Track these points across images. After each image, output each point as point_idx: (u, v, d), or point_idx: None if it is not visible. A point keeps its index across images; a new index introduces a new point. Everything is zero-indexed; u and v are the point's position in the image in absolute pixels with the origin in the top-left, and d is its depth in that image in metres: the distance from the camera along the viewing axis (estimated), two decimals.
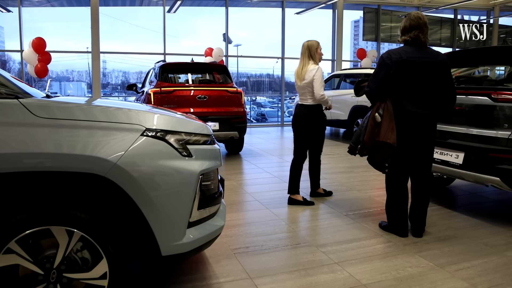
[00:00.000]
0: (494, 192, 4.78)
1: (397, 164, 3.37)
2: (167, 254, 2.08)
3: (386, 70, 3.21)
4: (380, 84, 3.26)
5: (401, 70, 3.17)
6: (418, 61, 3.17)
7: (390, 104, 3.24)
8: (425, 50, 3.24)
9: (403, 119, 3.23)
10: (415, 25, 3.21)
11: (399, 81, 3.20)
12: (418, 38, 3.21)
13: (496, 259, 2.95)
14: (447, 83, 3.25)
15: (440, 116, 3.34)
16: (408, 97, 3.21)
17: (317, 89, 4.07)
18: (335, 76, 10.43)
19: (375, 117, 3.26)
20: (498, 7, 15.91)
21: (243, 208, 4.17)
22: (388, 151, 3.26)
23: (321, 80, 4.10)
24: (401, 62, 3.16)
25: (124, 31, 17.28)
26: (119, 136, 1.96)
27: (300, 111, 4.25)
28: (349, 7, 14.45)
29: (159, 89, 6.47)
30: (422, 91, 3.20)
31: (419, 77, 3.18)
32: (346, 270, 2.74)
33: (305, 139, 4.29)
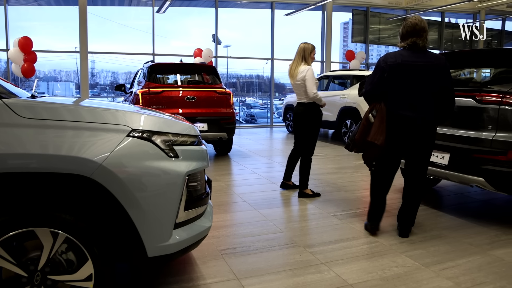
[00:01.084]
0: (479, 193, 4.85)
1: (383, 165, 3.42)
2: (153, 255, 2.07)
3: (381, 72, 3.27)
4: (374, 86, 3.31)
5: (395, 74, 3.21)
6: (413, 65, 3.19)
7: (384, 106, 3.28)
8: (423, 54, 3.24)
9: (394, 122, 3.26)
10: (411, 31, 3.23)
11: (393, 84, 3.24)
12: (416, 44, 3.23)
13: (480, 258, 2.99)
14: (445, 85, 3.23)
15: (440, 120, 3.32)
16: (402, 100, 3.24)
17: (309, 88, 4.33)
18: (324, 78, 10.48)
19: (369, 118, 3.33)
20: (484, 10, 16.15)
21: (231, 209, 4.17)
22: (376, 151, 3.32)
23: (313, 80, 4.33)
24: (396, 66, 3.20)
25: (113, 31, 17.17)
26: (105, 137, 1.95)
27: (299, 108, 4.56)
28: (338, 9, 14.54)
29: (148, 89, 6.44)
30: (417, 95, 3.22)
31: (413, 81, 3.20)
32: (333, 270, 2.76)
33: (306, 134, 4.56)
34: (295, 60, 4.52)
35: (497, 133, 3.46)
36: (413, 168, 3.39)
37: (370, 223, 3.50)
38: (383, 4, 14.62)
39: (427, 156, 3.36)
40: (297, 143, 4.73)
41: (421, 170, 3.39)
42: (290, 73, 4.53)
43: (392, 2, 14.68)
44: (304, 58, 4.47)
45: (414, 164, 3.38)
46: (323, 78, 10.51)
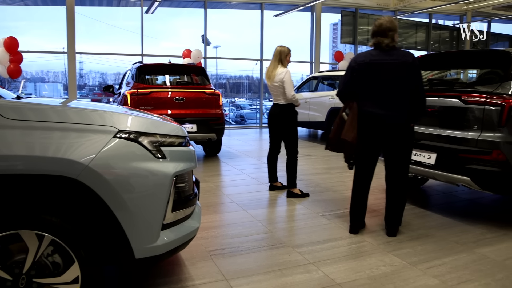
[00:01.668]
0: (465, 192, 4.91)
1: (359, 163, 3.48)
2: (141, 256, 2.07)
3: (351, 72, 3.37)
4: (346, 85, 3.42)
5: (364, 73, 3.30)
6: (382, 64, 3.25)
7: (356, 105, 3.36)
8: (392, 52, 3.28)
9: (364, 120, 3.33)
10: (376, 31, 3.31)
11: (363, 83, 3.33)
12: (381, 43, 3.28)
13: (466, 256, 3.03)
14: (414, 84, 3.25)
15: (413, 118, 3.35)
16: (372, 99, 3.31)
17: (288, 90, 4.45)
18: (313, 78, 10.52)
19: (342, 116, 3.43)
20: (471, 12, 16.36)
21: (219, 210, 4.17)
22: (348, 148, 3.41)
23: (291, 82, 4.48)
24: (364, 65, 3.29)
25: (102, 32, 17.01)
26: (92, 138, 1.95)
27: (275, 110, 4.66)
28: (327, 10, 14.61)
29: (136, 90, 6.40)
30: (386, 93, 3.27)
31: (381, 79, 3.26)
32: (321, 270, 2.77)
33: (279, 134, 4.70)
34: (272, 62, 4.65)
35: (482, 133, 3.51)
36: (392, 167, 3.43)
37: (350, 223, 3.53)
38: (372, 5, 14.73)
39: (405, 155, 3.39)
40: (272, 144, 4.82)
41: (400, 169, 3.41)
42: (267, 75, 4.66)
43: (380, 4, 14.79)
44: (280, 60, 4.59)
45: (393, 164, 3.42)
46: (312, 79, 10.55)
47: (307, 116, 9.68)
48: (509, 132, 3.42)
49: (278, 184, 4.91)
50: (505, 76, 3.65)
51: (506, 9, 16.35)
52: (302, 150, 8.00)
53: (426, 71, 4.67)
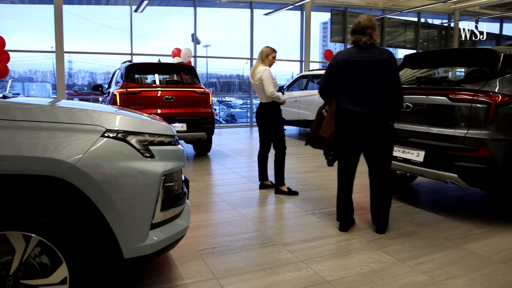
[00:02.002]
0: (454, 189, 4.96)
1: (340, 161, 3.53)
2: (129, 256, 2.05)
3: (331, 70, 3.43)
4: (326, 83, 3.49)
5: (342, 70, 3.34)
6: (358, 61, 3.28)
7: (334, 103, 3.43)
8: (370, 50, 3.30)
9: (341, 117, 3.40)
10: (355, 29, 3.37)
11: (341, 80, 3.37)
12: (358, 41, 3.32)
13: (454, 252, 3.07)
14: (389, 82, 3.25)
15: (390, 116, 3.34)
16: (349, 96, 3.35)
17: (266, 87, 4.48)
18: (303, 77, 10.55)
19: (322, 113, 3.51)
20: (458, 11, 16.52)
21: (210, 209, 4.16)
22: (326, 144, 3.47)
23: (269, 79, 4.49)
24: (342, 62, 3.34)
25: (91, 31, 16.89)
26: (79, 138, 1.93)
27: (259, 108, 4.73)
28: (316, 9, 14.65)
29: (125, 89, 6.36)
30: (364, 91, 3.29)
31: (359, 77, 3.29)
32: (311, 268, 2.78)
33: (266, 133, 4.72)
34: (256, 62, 4.74)
35: (469, 130, 3.55)
36: (374, 165, 3.45)
37: (339, 221, 3.56)
38: (361, 4, 14.80)
39: (385, 153, 3.41)
40: (262, 142, 4.85)
41: (381, 167, 3.43)
42: (251, 74, 4.73)
43: (369, 3, 14.87)
44: (262, 59, 4.66)
45: (373, 161, 3.44)
46: (302, 78, 10.58)
47: (297, 114, 9.71)
48: (496, 130, 3.47)
49: (268, 182, 4.92)
50: (491, 74, 3.69)
51: (493, 8, 16.55)
52: (293, 149, 8.04)
53: (415, 69, 4.71)
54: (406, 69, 4.68)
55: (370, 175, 3.50)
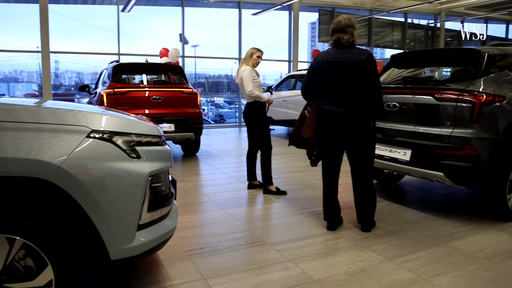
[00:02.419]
0: (440, 187, 5.02)
1: (324, 160, 3.55)
2: (116, 258, 2.04)
3: (312, 71, 3.47)
4: (307, 84, 3.53)
5: (321, 71, 3.37)
6: (338, 62, 3.30)
7: (315, 104, 3.48)
8: (349, 50, 3.32)
9: (321, 118, 3.44)
10: (335, 28, 3.37)
11: (321, 81, 3.41)
12: (341, 39, 3.33)
13: (440, 250, 3.10)
14: (368, 83, 3.26)
15: (370, 116, 3.36)
16: (328, 96, 3.38)
17: (245, 86, 4.53)
18: (291, 77, 10.58)
19: (304, 114, 3.55)
20: (444, 12, 16.72)
21: (198, 209, 4.15)
22: (307, 145, 3.51)
23: (248, 79, 4.52)
24: (322, 63, 3.37)
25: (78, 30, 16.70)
26: (64, 138, 1.91)
27: (245, 108, 4.75)
28: (305, 9, 14.69)
29: (112, 90, 6.31)
30: (343, 91, 3.31)
31: (338, 77, 3.31)
32: (299, 267, 2.79)
33: (257, 133, 4.70)
34: (241, 62, 4.79)
35: (454, 129, 3.59)
36: (355, 165, 3.48)
37: (326, 220, 3.58)
38: (349, 4, 14.89)
39: (366, 153, 3.43)
40: (250, 142, 4.86)
41: (363, 166, 3.45)
42: (237, 76, 4.75)
43: (357, 3, 14.97)
44: (245, 60, 4.71)
45: (355, 161, 3.47)
46: (290, 78, 10.61)
47: (285, 114, 9.73)
48: (480, 128, 3.52)
49: (256, 182, 4.92)
50: (476, 73, 3.75)
51: (478, 9, 16.79)
52: (281, 149, 8.05)
53: (401, 69, 4.76)
54: (393, 69, 4.72)
55: (352, 175, 3.53)
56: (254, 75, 4.57)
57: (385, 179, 5.18)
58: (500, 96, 3.62)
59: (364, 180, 3.47)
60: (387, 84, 4.49)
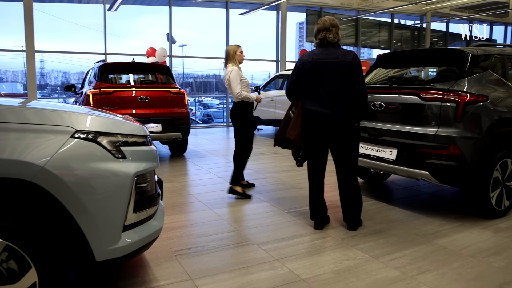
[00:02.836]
0: (426, 186, 5.08)
1: (309, 160, 3.57)
2: (102, 259, 2.02)
3: (297, 71, 3.47)
4: (292, 85, 3.52)
5: (307, 71, 3.38)
6: (323, 62, 3.32)
7: (301, 104, 3.48)
8: (333, 50, 3.35)
9: (306, 118, 3.44)
10: (321, 27, 3.39)
11: (306, 82, 3.41)
12: (326, 38, 3.36)
13: (425, 248, 3.14)
14: (353, 84, 3.29)
15: (355, 117, 3.39)
16: (314, 97, 3.39)
17: (232, 88, 4.46)
18: (279, 77, 10.60)
19: (289, 115, 3.56)
20: (430, 12, 16.93)
21: (185, 209, 4.13)
22: (293, 146, 3.52)
23: (236, 80, 4.43)
24: (307, 64, 3.38)
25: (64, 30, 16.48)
26: (48, 139, 1.90)
27: (231, 108, 4.66)
28: (292, 9, 14.73)
29: (98, 90, 6.25)
30: (328, 92, 3.33)
31: (323, 78, 3.33)
32: (286, 266, 2.80)
33: (240, 133, 4.62)
34: (225, 63, 4.68)
35: (439, 129, 3.63)
36: (340, 165, 3.50)
37: (313, 219, 3.60)
38: (336, 5, 14.97)
39: (351, 153, 3.46)
40: (236, 142, 4.77)
41: (348, 166, 3.48)
42: (225, 78, 4.63)
43: (344, 3, 15.05)
44: (230, 59, 4.60)
45: (340, 161, 3.49)
46: (278, 77, 10.63)
47: (273, 114, 9.75)
48: (465, 128, 3.57)
49: (244, 182, 4.90)
50: (460, 73, 3.80)
51: (463, 10, 17.03)
52: (268, 148, 8.07)
53: (387, 69, 4.80)
54: (379, 69, 4.75)
55: (337, 175, 3.55)
56: (241, 75, 4.54)
57: (371, 178, 5.22)
58: (483, 96, 3.67)
59: (349, 179, 3.50)
60: (374, 84, 4.52)
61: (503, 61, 4.11)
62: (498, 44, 4.67)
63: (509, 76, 4.08)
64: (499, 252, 3.06)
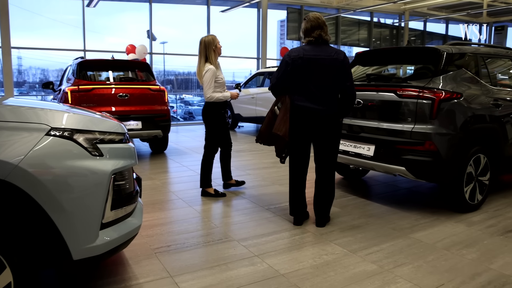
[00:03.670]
0: (404, 181, 5.18)
1: (294, 156, 3.57)
2: (79, 258, 2.01)
3: (285, 66, 3.43)
4: (279, 80, 3.50)
5: (297, 67, 3.38)
6: (315, 59, 3.35)
7: (289, 99, 3.45)
8: (325, 48, 3.41)
9: (297, 114, 3.44)
10: (315, 25, 3.42)
11: (296, 77, 3.41)
12: (321, 36, 3.41)
13: (402, 241, 3.21)
14: (344, 81, 3.38)
15: (342, 113, 3.47)
16: (304, 93, 3.41)
17: (204, 90, 4.26)
18: (260, 74, 10.62)
19: (274, 110, 3.52)
20: (408, 12, 17.20)
21: (165, 207, 4.12)
22: (280, 142, 3.48)
23: (208, 82, 4.21)
24: (298, 60, 3.36)
25: (42, 26, 16.13)
26: (23, 136, 1.87)
27: (203, 107, 4.46)
28: (273, 6, 14.77)
29: (77, 87, 6.15)
30: (318, 88, 3.38)
31: (314, 74, 3.37)
32: (266, 262, 2.83)
33: (212, 132, 4.49)
34: (199, 58, 4.32)
35: (415, 125, 3.71)
36: (322, 159, 3.54)
37: (292, 215, 3.63)
38: (316, 3, 15.07)
39: (334, 147, 3.53)
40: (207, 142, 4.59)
41: (329, 161, 3.54)
42: (197, 73, 4.34)
43: (324, 1, 15.17)
44: (207, 53, 4.27)
45: (322, 156, 3.53)
46: (259, 75, 10.65)
47: (254, 111, 9.77)
48: (440, 124, 3.65)
49: (232, 181, 4.78)
50: (435, 71, 3.89)
51: (440, 10, 17.37)
52: (249, 145, 8.09)
53: (365, 66, 4.86)
54: (358, 66, 4.82)
55: (317, 169, 3.58)
56: (217, 74, 4.29)
57: (350, 174, 5.30)
58: (458, 93, 3.77)
59: (328, 175, 3.54)
60: None
61: (477, 60, 4.22)
62: (473, 43, 4.78)
63: (482, 74, 4.19)
64: (472, 245, 3.16)
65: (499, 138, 4.14)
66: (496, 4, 15.31)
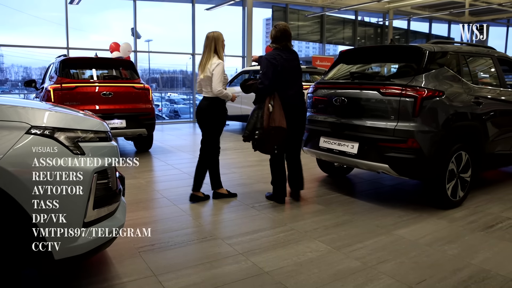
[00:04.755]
0: (388, 179, 5.23)
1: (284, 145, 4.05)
2: (60, 257, 1.99)
3: (273, 68, 3.88)
4: (271, 81, 3.90)
5: (283, 69, 3.92)
6: (292, 60, 4.03)
7: (278, 96, 3.90)
8: (291, 52, 4.08)
9: (288, 109, 3.91)
10: (288, 35, 4.05)
11: (282, 77, 3.93)
12: (287, 46, 4.06)
13: (385, 238, 3.25)
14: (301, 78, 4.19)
15: None
16: (286, 89, 3.97)
17: (214, 84, 3.96)
18: (245, 72, 10.61)
19: (269, 108, 3.83)
20: (392, 10, 17.38)
21: (150, 206, 4.09)
22: (282, 134, 3.83)
23: (220, 76, 3.98)
24: (284, 62, 3.93)
25: (24, 23, 15.84)
26: (3, 135, 1.85)
27: (203, 103, 4.16)
28: (258, 5, 14.76)
29: (60, 85, 6.07)
30: (296, 84, 4.07)
31: (293, 74, 4.04)
32: (250, 260, 2.83)
33: (215, 131, 4.21)
34: (206, 52, 4.09)
35: (398, 123, 3.76)
36: (295, 144, 4.17)
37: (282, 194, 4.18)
38: (301, 1, 15.11)
39: (302, 133, 4.25)
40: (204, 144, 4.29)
41: (299, 145, 4.25)
42: (202, 67, 4.07)
43: (309, 0, 15.22)
44: (216, 49, 4.08)
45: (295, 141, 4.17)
46: (244, 73, 10.64)
47: (239, 109, 9.75)
48: (422, 122, 3.70)
49: (223, 191, 4.37)
50: (418, 69, 3.93)
51: (423, 9, 17.59)
52: (234, 144, 8.09)
53: (349, 64, 4.90)
54: (342, 65, 4.85)
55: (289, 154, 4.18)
56: (224, 71, 4.07)
57: (335, 172, 5.33)
58: (440, 91, 3.82)
59: (298, 156, 4.22)
60: (336, 79, 4.62)
61: (459, 58, 4.28)
62: (456, 42, 4.85)
63: (464, 73, 4.25)
64: (453, 241, 3.21)
65: (480, 136, 4.21)
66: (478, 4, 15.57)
